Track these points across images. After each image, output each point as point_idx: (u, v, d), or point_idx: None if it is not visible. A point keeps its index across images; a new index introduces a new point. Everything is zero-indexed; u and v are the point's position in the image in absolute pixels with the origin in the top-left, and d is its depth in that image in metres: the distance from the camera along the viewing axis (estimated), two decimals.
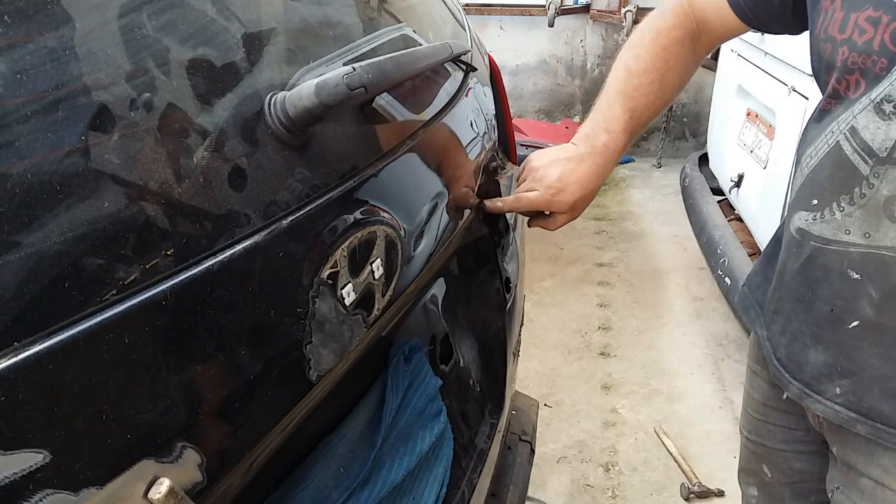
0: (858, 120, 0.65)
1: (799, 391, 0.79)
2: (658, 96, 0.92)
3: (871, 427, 0.73)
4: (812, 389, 0.77)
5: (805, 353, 0.77)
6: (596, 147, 0.92)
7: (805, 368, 0.78)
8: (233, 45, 0.53)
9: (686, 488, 1.85)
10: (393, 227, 0.64)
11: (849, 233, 0.68)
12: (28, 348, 0.34)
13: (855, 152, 0.66)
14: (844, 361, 0.73)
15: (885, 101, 0.62)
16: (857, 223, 0.67)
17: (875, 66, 0.63)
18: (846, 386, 0.73)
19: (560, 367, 2.43)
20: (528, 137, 3.98)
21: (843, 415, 0.75)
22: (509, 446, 1.20)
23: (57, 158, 0.38)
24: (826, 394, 0.76)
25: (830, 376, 0.75)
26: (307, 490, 0.64)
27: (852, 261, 0.68)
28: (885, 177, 0.63)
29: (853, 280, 0.69)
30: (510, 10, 4.48)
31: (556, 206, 0.93)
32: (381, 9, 0.82)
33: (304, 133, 0.54)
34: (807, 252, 0.74)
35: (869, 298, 0.68)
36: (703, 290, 2.89)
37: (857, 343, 0.71)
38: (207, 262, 0.44)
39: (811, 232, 0.72)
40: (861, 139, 0.65)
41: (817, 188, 0.71)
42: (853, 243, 0.68)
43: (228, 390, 0.45)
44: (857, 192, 0.66)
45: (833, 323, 0.72)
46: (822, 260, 0.72)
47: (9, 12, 0.38)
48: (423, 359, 0.87)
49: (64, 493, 0.35)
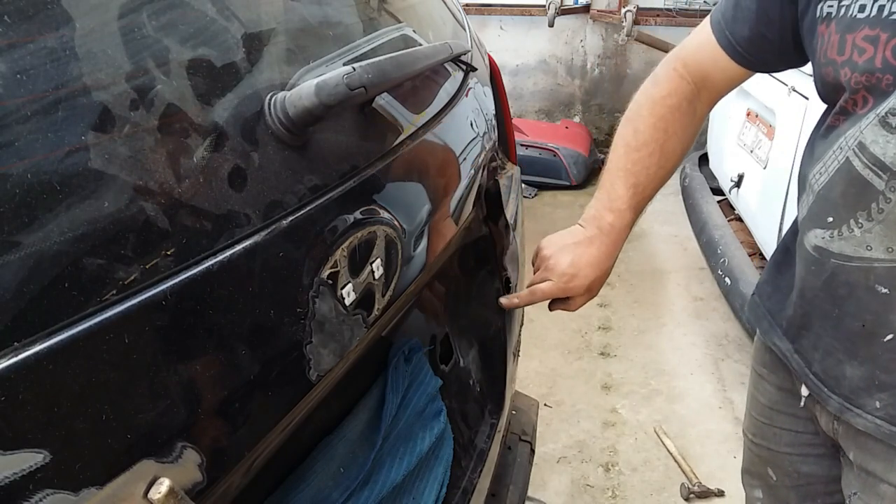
0: (865, 135, 0.64)
1: (839, 405, 0.78)
2: (660, 166, 0.91)
3: None
4: (852, 403, 0.76)
5: (841, 368, 0.76)
6: (602, 228, 0.92)
7: (842, 383, 0.77)
8: (233, 45, 0.53)
9: (686, 488, 1.85)
10: (393, 227, 0.64)
11: (870, 249, 0.67)
12: (28, 348, 0.34)
13: (867, 168, 0.65)
14: (882, 375, 0.72)
15: (889, 115, 0.62)
16: (878, 238, 0.66)
17: (881, 83, 0.62)
18: (886, 399, 0.73)
19: (560, 367, 2.43)
20: (528, 137, 3.98)
21: (884, 429, 0.74)
22: (509, 446, 1.20)
23: (57, 158, 0.38)
24: (866, 408, 0.75)
25: (869, 390, 0.74)
26: (307, 490, 0.64)
27: (878, 276, 0.68)
28: None
29: (882, 294, 0.68)
30: (510, 10, 4.48)
31: (572, 291, 0.94)
32: (381, 9, 0.82)
33: (304, 133, 0.54)
34: (828, 270, 0.73)
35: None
36: (703, 290, 2.89)
37: (894, 356, 0.70)
38: (207, 262, 0.44)
39: (830, 250, 0.72)
40: (871, 154, 0.64)
41: (830, 206, 0.71)
42: (877, 258, 0.67)
43: (228, 390, 0.45)
44: (874, 208, 0.65)
45: (866, 338, 0.72)
46: (845, 277, 0.71)
47: (9, 12, 0.38)
48: (423, 359, 0.87)
49: (64, 493, 0.35)
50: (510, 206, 1.11)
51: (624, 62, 4.60)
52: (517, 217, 1.18)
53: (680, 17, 4.09)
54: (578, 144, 4.08)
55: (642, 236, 3.48)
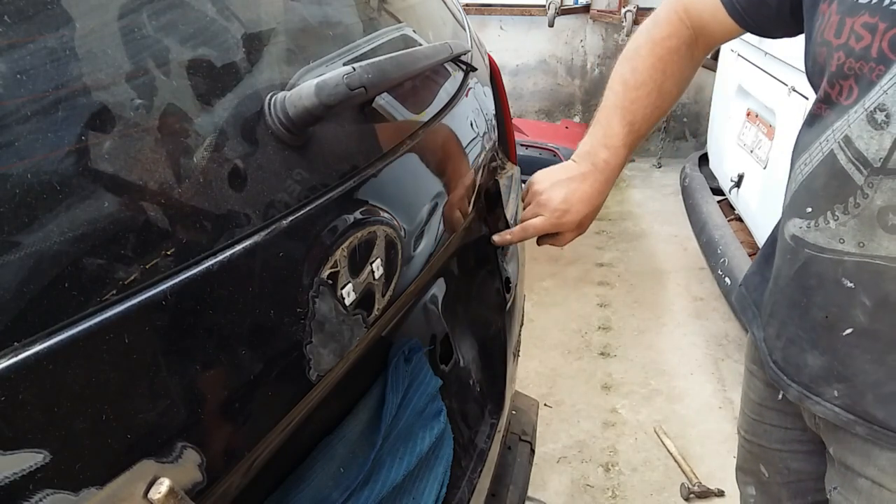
0: (852, 129, 0.65)
1: (798, 393, 0.80)
2: (656, 106, 0.92)
3: (868, 429, 0.73)
4: (811, 391, 0.78)
5: (802, 357, 0.78)
6: (597, 164, 0.93)
7: (803, 371, 0.78)
8: (233, 45, 0.53)
9: (686, 488, 1.85)
10: (393, 227, 0.64)
11: (843, 242, 0.68)
12: (28, 348, 0.34)
13: (849, 162, 0.66)
14: (839, 367, 0.73)
15: (877, 111, 0.62)
16: (851, 232, 0.67)
17: (871, 74, 0.62)
18: (843, 389, 0.74)
19: (560, 367, 2.43)
20: (528, 137, 3.98)
21: (842, 416, 0.75)
22: (509, 446, 1.20)
23: (57, 158, 0.38)
24: (825, 395, 0.76)
25: (827, 379, 0.75)
26: (307, 490, 0.64)
27: (846, 269, 0.69)
28: (879, 187, 0.63)
29: (847, 288, 0.69)
30: (510, 10, 4.48)
31: (564, 226, 0.95)
32: (381, 9, 0.82)
33: (304, 133, 0.54)
34: (801, 259, 0.74)
35: (863, 307, 0.68)
36: (703, 290, 2.89)
37: (851, 350, 0.71)
38: (207, 262, 0.44)
39: (805, 239, 0.73)
40: (855, 149, 0.65)
41: (812, 196, 0.71)
42: (847, 252, 0.68)
43: (228, 390, 0.45)
44: (851, 202, 0.66)
45: (828, 329, 0.73)
46: (816, 268, 0.72)
47: (9, 12, 0.38)
48: (423, 359, 0.87)
49: (64, 493, 0.35)
50: (510, 206, 1.11)
51: None
52: (517, 217, 1.18)
53: None
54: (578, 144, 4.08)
55: (642, 236, 3.48)
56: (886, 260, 0.65)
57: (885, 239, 0.64)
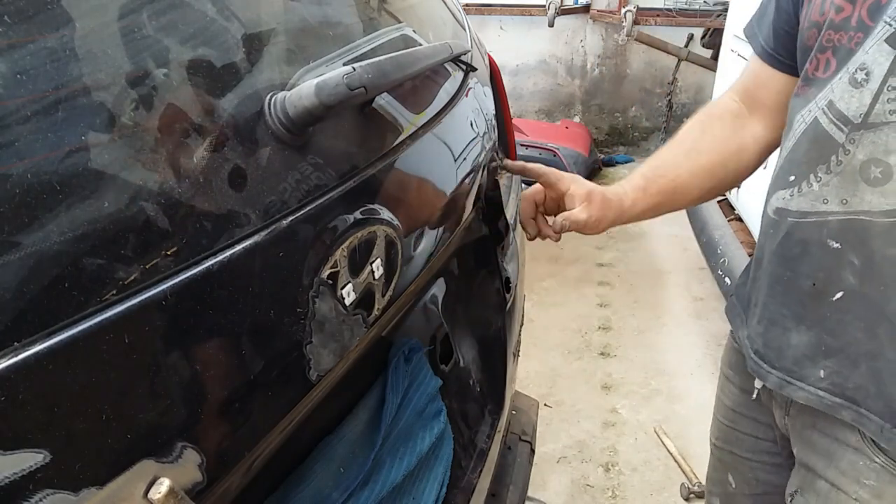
0: (835, 94, 0.66)
1: (779, 380, 0.78)
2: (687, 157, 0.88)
3: (854, 413, 0.71)
4: (793, 376, 0.76)
5: (785, 337, 0.76)
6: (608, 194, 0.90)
7: (786, 354, 0.76)
8: (233, 45, 0.53)
9: (686, 488, 1.85)
10: (393, 227, 0.64)
11: (826, 202, 0.68)
12: (28, 348, 0.34)
13: (831, 123, 0.66)
14: (829, 339, 0.71)
15: (858, 70, 0.63)
16: (834, 191, 0.67)
17: (850, 42, 0.64)
18: (831, 366, 0.72)
19: (560, 367, 2.43)
20: (528, 137, 3.98)
21: (827, 400, 0.73)
22: (509, 446, 1.20)
23: (57, 158, 0.38)
24: (809, 379, 0.74)
25: (814, 358, 0.73)
26: (307, 490, 0.64)
27: (831, 230, 0.68)
28: (861, 142, 0.64)
29: (833, 250, 0.68)
30: (510, 10, 4.48)
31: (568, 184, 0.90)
32: (381, 9, 0.82)
33: (304, 133, 0.54)
34: (784, 229, 0.73)
35: (851, 267, 0.67)
36: (703, 290, 2.89)
37: (843, 316, 0.70)
38: (207, 262, 0.44)
39: (788, 208, 0.72)
40: (837, 110, 0.66)
41: (794, 165, 0.72)
42: (831, 212, 0.68)
43: (228, 390, 0.45)
44: (833, 161, 0.66)
45: (815, 298, 0.71)
46: (799, 234, 0.71)
47: (9, 12, 0.38)
48: (423, 359, 0.87)
49: (64, 493, 0.35)
50: (510, 206, 1.11)
51: (624, 62, 4.60)
52: (517, 217, 1.18)
53: (680, 17, 4.09)
54: (578, 144, 4.08)
55: (642, 236, 3.48)
56: (870, 214, 0.65)
57: (868, 192, 0.64)
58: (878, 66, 0.61)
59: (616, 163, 4.57)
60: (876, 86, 0.62)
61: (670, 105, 4.37)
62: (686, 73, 4.31)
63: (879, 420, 0.69)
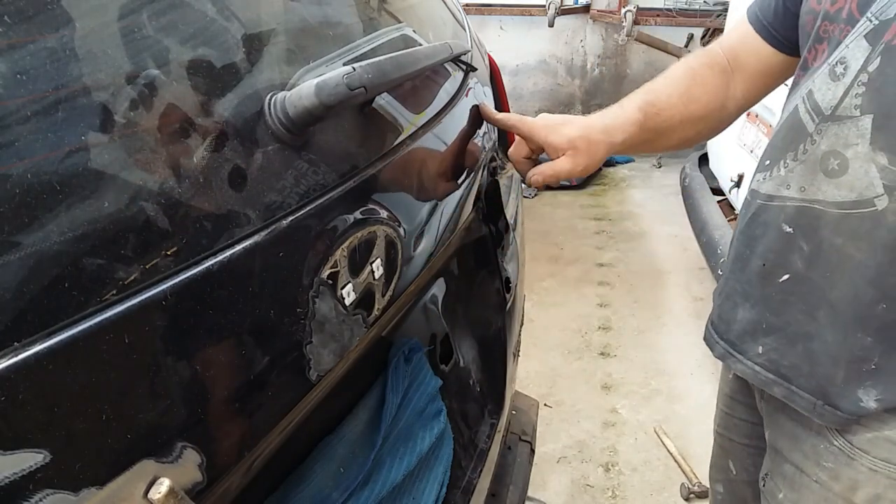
0: (815, 83, 0.68)
1: (724, 351, 0.82)
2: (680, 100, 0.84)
3: (786, 390, 0.75)
4: (735, 349, 0.80)
5: (734, 312, 0.80)
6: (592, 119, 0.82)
7: (732, 327, 0.80)
8: (233, 45, 0.53)
9: (686, 488, 1.85)
10: (393, 227, 0.64)
11: (789, 187, 0.71)
12: (28, 348, 0.34)
13: (806, 112, 0.69)
14: (771, 317, 0.75)
15: (838, 64, 0.65)
16: (796, 178, 0.70)
17: (840, 34, 0.66)
18: (769, 344, 0.75)
19: (560, 367, 2.43)
20: None
21: (761, 375, 0.77)
22: (509, 446, 1.20)
23: (57, 158, 0.38)
24: (748, 353, 0.78)
25: (754, 334, 0.77)
26: (307, 490, 0.64)
27: (787, 214, 0.71)
28: (826, 133, 0.66)
29: (786, 234, 0.71)
30: (510, 10, 4.48)
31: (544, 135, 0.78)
32: (381, 9, 0.82)
33: (304, 133, 0.54)
34: (752, 210, 0.76)
35: (800, 251, 0.70)
36: (703, 290, 2.89)
37: (786, 297, 0.73)
38: (207, 262, 0.44)
39: (759, 191, 0.75)
40: (813, 100, 0.68)
41: (772, 149, 0.74)
42: (790, 197, 0.70)
43: (228, 390, 0.45)
44: (801, 149, 0.69)
45: (764, 277, 0.75)
46: (763, 216, 0.74)
47: (9, 12, 0.38)
48: (423, 359, 0.87)
49: (64, 493, 0.35)
50: (510, 206, 1.11)
51: (624, 62, 4.60)
52: (517, 217, 1.18)
53: (680, 17, 4.09)
54: None
55: (642, 236, 3.48)
56: (823, 204, 0.67)
57: (825, 183, 0.67)
58: (855, 61, 0.63)
59: (616, 163, 4.57)
60: (849, 80, 0.63)
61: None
62: None
63: (811, 397, 0.72)
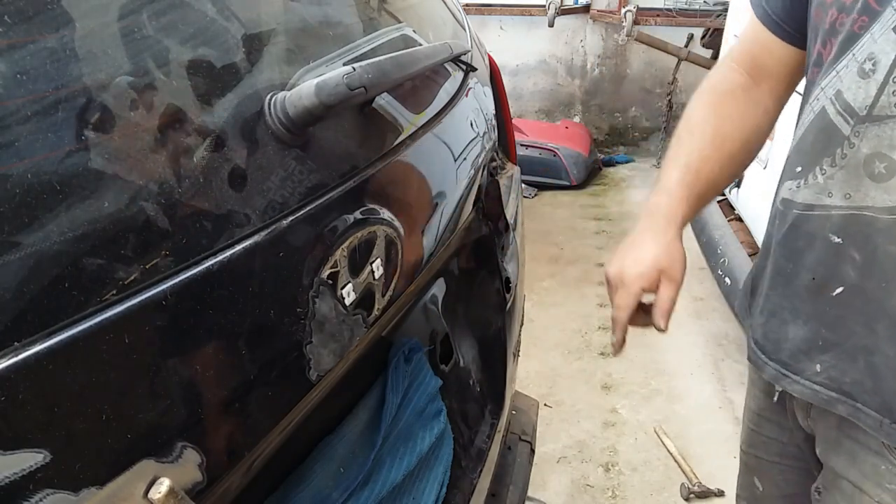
0: (844, 82, 0.64)
1: (775, 372, 0.76)
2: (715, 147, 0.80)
3: (850, 407, 0.70)
4: (790, 369, 0.75)
5: (783, 330, 0.75)
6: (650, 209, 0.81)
7: (783, 346, 0.75)
8: (233, 45, 0.53)
9: (686, 488, 1.85)
10: (393, 227, 0.64)
11: (831, 195, 0.67)
12: (28, 348, 0.34)
13: (838, 114, 0.65)
14: (827, 333, 0.70)
15: (867, 61, 0.62)
16: (838, 185, 0.66)
17: (854, 25, 0.62)
18: (828, 361, 0.71)
19: (560, 367, 2.43)
20: (528, 137, 3.98)
21: (822, 395, 0.72)
22: (509, 446, 1.20)
23: (57, 158, 0.38)
24: (805, 372, 0.73)
25: (810, 352, 0.72)
26: (307, 490, 0.64)
27: (834, 224, 0.67)
28: (865, 135, 0.63)
29: (835, 244, 0.67)
30: (510, 10, 4.48)
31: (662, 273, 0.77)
32: (381, 9, 0.82)
33: (304, 133, 0.54)
34: (789, 221, 0.72)
35: (852, 262, 0.66)
36: (703, 290, 2.89)
37: (842, 311, 0.69)
38: (207, 262, 0.44)
39: (794, 200, 0.71)
40: (844, 100, 0.64)
41: (802, 155, 0.71)
42: (835, 206, 0.66)
43: (228, 390, 0.45)
44: (838, 153, 0.65)
45: (815, 292, 0.70)
46: (805, 227, 0.70)
47: (9, 12, 0.38)
48: (423, 359, 0.87)
49: (64, 493, 0.35)
50: (510, 206, 1.11)
51: (624, 62, 4.60)
52: (517, 217, 1.18)
53: (680, 17, 4.09)
54: (578, 144, 4.08)
55: None
56: (873, 210, 0.63)
57: (872, 188, 0.63)
58: (885, 56, 0.60)
59: (616, 163, 4.56)
60: (882, 77, 0.60)
61: (670, 105, 4.36)
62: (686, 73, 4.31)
63: (877, 415, 0.68)
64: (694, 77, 4.35)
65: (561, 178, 4.00)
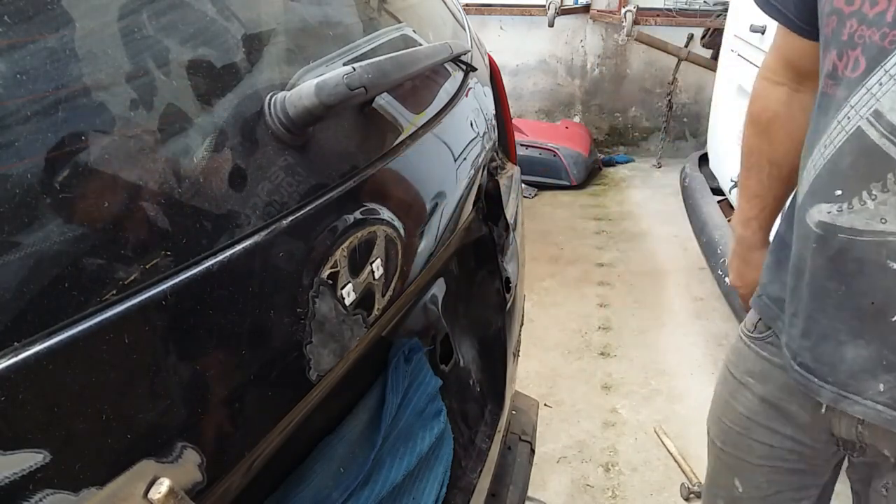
0: (883, 102, 0.62)
1: (833, 394, 0.75)
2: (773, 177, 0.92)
3: None
4: (849, 390, 0.73)
5: (839, 352, 0.73)
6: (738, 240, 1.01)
7: (840, 368, 0.74)
8: (233, 45, 0.53)
9: (686, 488, 1.85)
10: (393, 227, 0.64)
11: (885, 221, 0.65)
12: (28, 348, 0.34)
13: (883, 137, 0.63)
14: (890, 355, 0.69)
15: None
16: (893, 210, 0.64)
17: (884, 40, 0.60)
18: (892, 381, 0.70)
19: (560, 367, 2.43)
20: (528, 137, 3.98)
21: (886, 414, 0.71)
22: (509, 446, 1.20)
23: (57, 158, 0.38)
24: (866, 393, 0.72)
25: (873, 372, 0.71)
26: (307, 490, 0.64)
27: (891, 251, 0.65)
28: None
29: (894, 271, 0.66)
30: (510, 10, 4.48)
31: None
32: (381, 9, 0.82)
33: (304, 133, 0.54)
34: (835, 247, 0.70)
35: None
36: (703, 290, 2.89)
37: None
38: (207, 262, 0.44)
39: (837, 224, 0.69)
40: (888, 122, 0.62)
41: (839, 178, 0.68)
42: (892, 232, 0.65)
43: (228, 390, 0.45)
44: (890, 179, 0.63)
45: (875, 316, 0.69)
46: (855, 252, 0.68)
47: (9, 12, 0.38)
48: (423, 359, 0.87)
49: (64, 493, 0.35)
50: (510, 206, 1.11)
51: (624, 62, 4.60)
52: (517, 217, 1.18)
53: (680, 17, 4.09)
54: (578, 144, 4.08)
55: (642, 236, 3.48)
56: None
57: None
58: None
59: (616, 163, 4.56)
60: None
61: (670, 105, 4.37)
62: (686, 73, 4.31)
63: None
64: (694, 77, 4.36)
65: (561, 178, 4.00)
